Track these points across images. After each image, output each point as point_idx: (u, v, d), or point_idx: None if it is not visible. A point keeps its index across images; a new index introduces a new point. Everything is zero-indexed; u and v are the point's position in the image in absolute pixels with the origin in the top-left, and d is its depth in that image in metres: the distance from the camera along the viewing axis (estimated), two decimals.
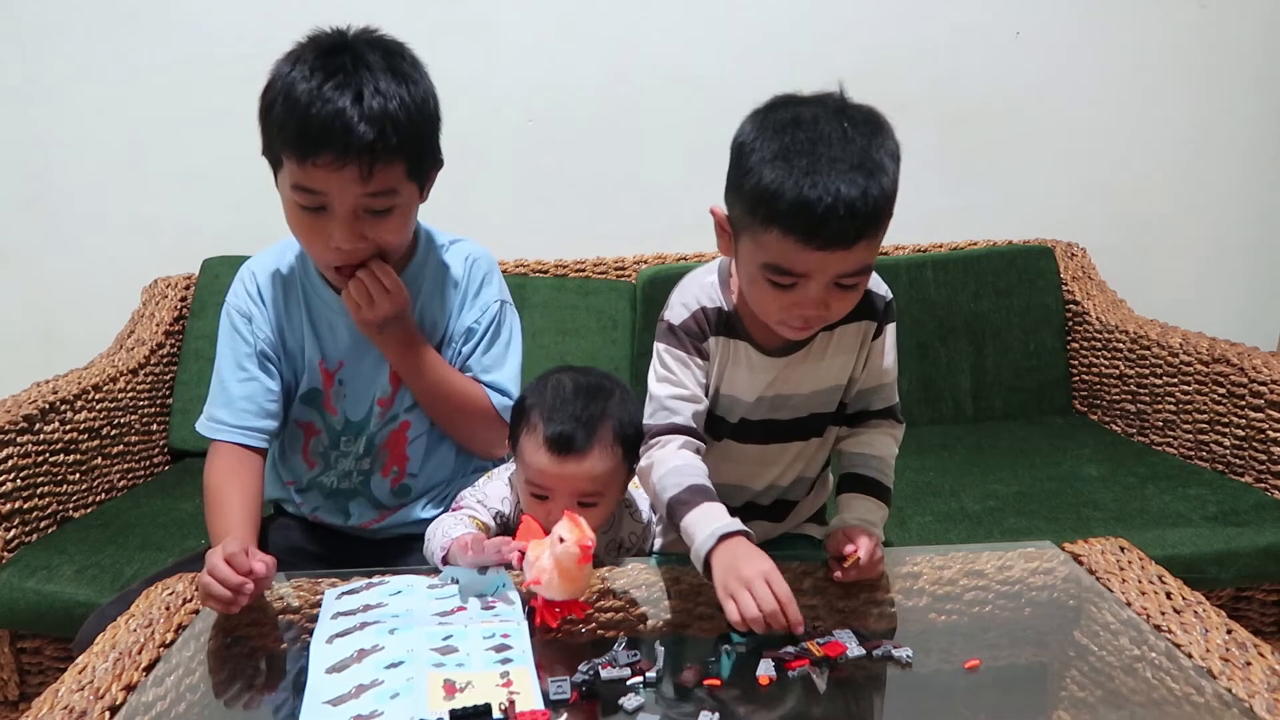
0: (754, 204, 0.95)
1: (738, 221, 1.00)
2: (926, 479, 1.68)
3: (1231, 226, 2.30)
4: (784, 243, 0.93)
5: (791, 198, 0.91)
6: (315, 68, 1.05)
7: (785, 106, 0.98)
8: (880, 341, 1.12)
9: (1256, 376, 1.62)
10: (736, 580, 0.91)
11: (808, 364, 1.10)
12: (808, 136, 0.93)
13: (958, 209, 2.20)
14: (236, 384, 1.21)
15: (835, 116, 0.95)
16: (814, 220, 0.91)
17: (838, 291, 0.98)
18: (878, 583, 1.05)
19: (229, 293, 1.26)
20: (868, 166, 0.92)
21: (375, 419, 1.25)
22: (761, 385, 1.10)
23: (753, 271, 0.99)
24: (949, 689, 0.87)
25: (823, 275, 0.95)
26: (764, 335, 1.09)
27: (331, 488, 1.28)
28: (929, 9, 2.13)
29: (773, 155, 0.94)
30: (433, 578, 1.06)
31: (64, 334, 2.15)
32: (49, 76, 2.06)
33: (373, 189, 1.08)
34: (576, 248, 2.12)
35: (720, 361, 1.10)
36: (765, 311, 1.02)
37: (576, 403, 1.08)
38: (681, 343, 1.09)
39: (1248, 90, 2.23)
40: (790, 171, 0.92)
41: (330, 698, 0.82)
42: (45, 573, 1.41)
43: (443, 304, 1.26)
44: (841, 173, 0.91)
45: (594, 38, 2.10)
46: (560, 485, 1.07)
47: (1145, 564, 1.06)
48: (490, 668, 0.86)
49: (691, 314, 1.09)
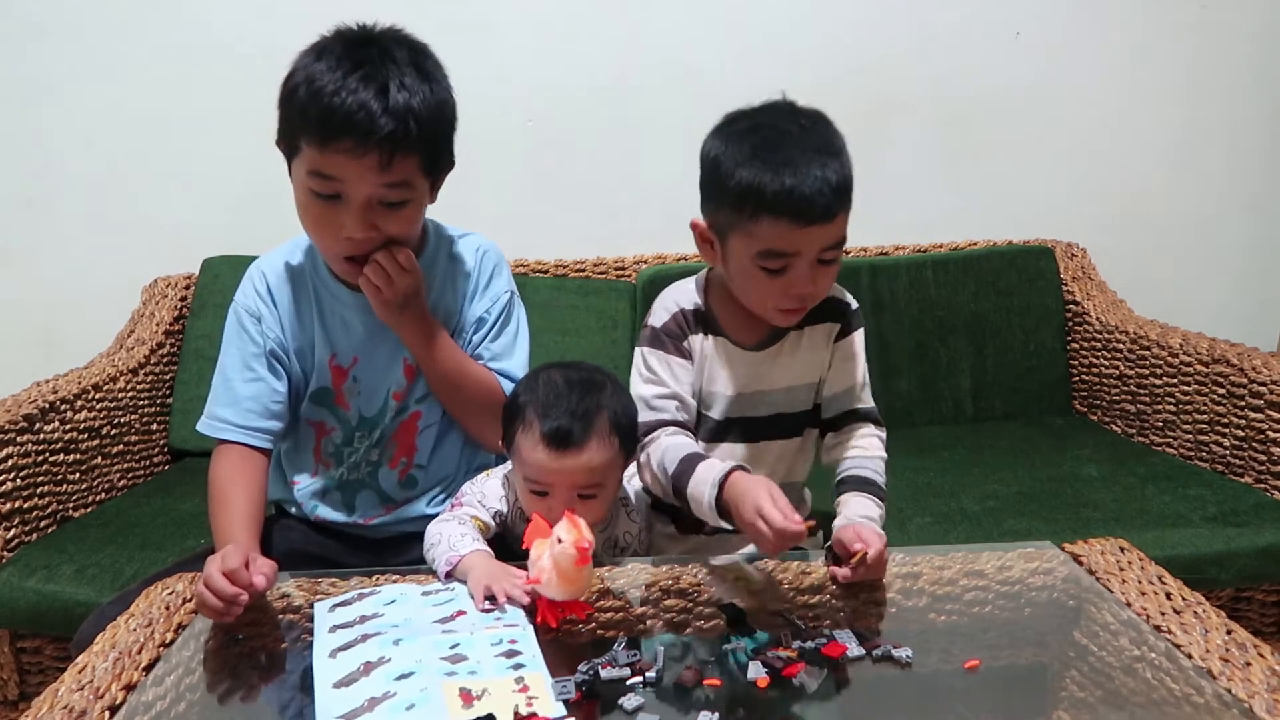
0: (740, 201, 1.06)
1: (724, 225, 1.10)
2: (926, 479, 1.68)
3: (1231, 226, 2.30)
4: (776, 228, 1.05)
5: (776, 187, 1.03)
6: (343, 58, 1.07)
7: (742, 118, 1.11)
8: (847, 344, 1.22)
9: (1256, 377, 1.62)
10: (745, 521, 1.01)
11: (780, 360, 1.19)
12: (771, 136, 1.06)
13: (958, 209, 2.21)
14: (243, 384, 1.21)
15: (789, 117, 1.09)
16: (801, 202, 1.03)
17: (821, 268, 1.09)
18: (877, 583, 1.05)
19: (237, 292, 1.26)
20: (830, 150, 1.06)
21: (390, 413, 1.26)
22: (740, 380, 1.19)
23: (745, 266, 1.09)
24: (949, 689, 0.87)
25: (810, 252, 1.06)
26: (738, 332, 1.19)
27: (340, 480, 1.28)
28: (929, 9, 2.13)
29: (746, 157, 1.06)
30: (427, 582, 1.06)
31: (64, 334, 2.15)
32: (49, 76, 2.06)
33: (390, 179, 1.09)
34: (576, 248, 2.12)
35: (701, 358, 1.19)
36: (761, 301, 1.12)
37: (570, 397, 1.08)
38: (663, 344, 1.18)
39: (1248, 90, 2.23)
40: (766, 166, 1.04)
41: (342, 713, 0.80)
42: (45, 572, 1.41)
43: (455, 295, 1.27)
44: (811, 158, 1.04)
45: (594, 38, 2.10)
46: (560, 480, 1.07)
47: (1145, 564, 1.06)
48: (504, 674, 0.85)
49: (672, 315, 1.19)
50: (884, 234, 2.15)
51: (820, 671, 0.88)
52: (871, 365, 1.99)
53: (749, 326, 1.18)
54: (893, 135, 2.18)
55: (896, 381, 2.02)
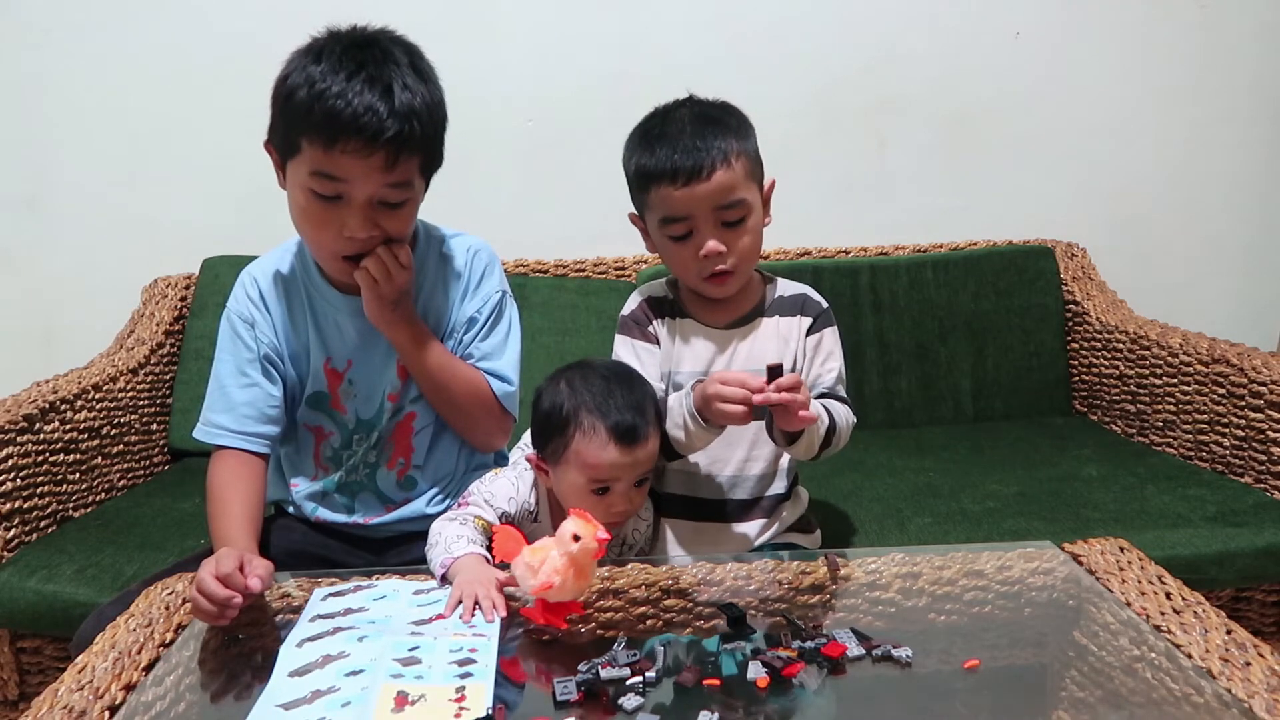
0: (637, 182, 1.22)
1: (639, 208, 1.25)
2: (926, 479, 1.68)
3: (1231, 226, 2.30)
4: (660, 193, 1.18)
5: (654, 158, 1.18)
6: (343, 59, 1.07)
7: (647, 116, 1.25)
8: (817, 339, 1.27)
9: (1256, 377, 1.62)
10: (710, 405, 1.10)
11: (750, 340, 1.26)
12: (659, 121, 1.22)
13: (958, 209, 2.20)
14: (238, 390, 1.22)
15: (681, 106, 1.23)
16: (670, 165, 1.16)
17: (729, 231, 1.19)
18: (878, 582, 1.04)
19: (230, 299, 1.27)
20: (709, 120, 1.19)
21: (386, 414, 1.26)
22: (714, 354, 1.26)
23: (660, 241, 1.22)
24: (949, 689, 0.87)
25: (702, 211, 1.17)
26: (707, 314, 1.28)
27: (339, 483, 1.28)
28: (929, 9, 2.13)
29: (637, 144, 1.22)
30: (421, 582, 1.06)
31: (64, 334, 2.15)
32: (49, 75, 2.06)
33: (394, 179, 1.10)
34: (576, 248, 2.12)
35: (669, 342, 1.28)
36: (685, 271, 1.23)
37: (619, 393, 1.12)
38: (630, 329, 1.29)
39: (1247, 90, 2.23)
40: (650, 145, 1.19)
41: (284, 701, 0.82)
42: (45, 572, 1.41)
43: (445, 295, 1.27)
44: (688, 129, 1.18)
45: (594, 38, 2.10)
46: (626, 473, 1.12)
47: (1145, 564, 1.06)
48: (448, 681, 0.85)
49: (639, 304, 1.30)
50: (884, 234, 2.15)
51: (820, 671, 0.88)
52: (871, 365, 2.03)
53: (717, 309, 1.27)
54: (893, 135, 2.18)
55: (896, 381, 2.02)
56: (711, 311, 1.27)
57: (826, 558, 1.08)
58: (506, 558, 0.99)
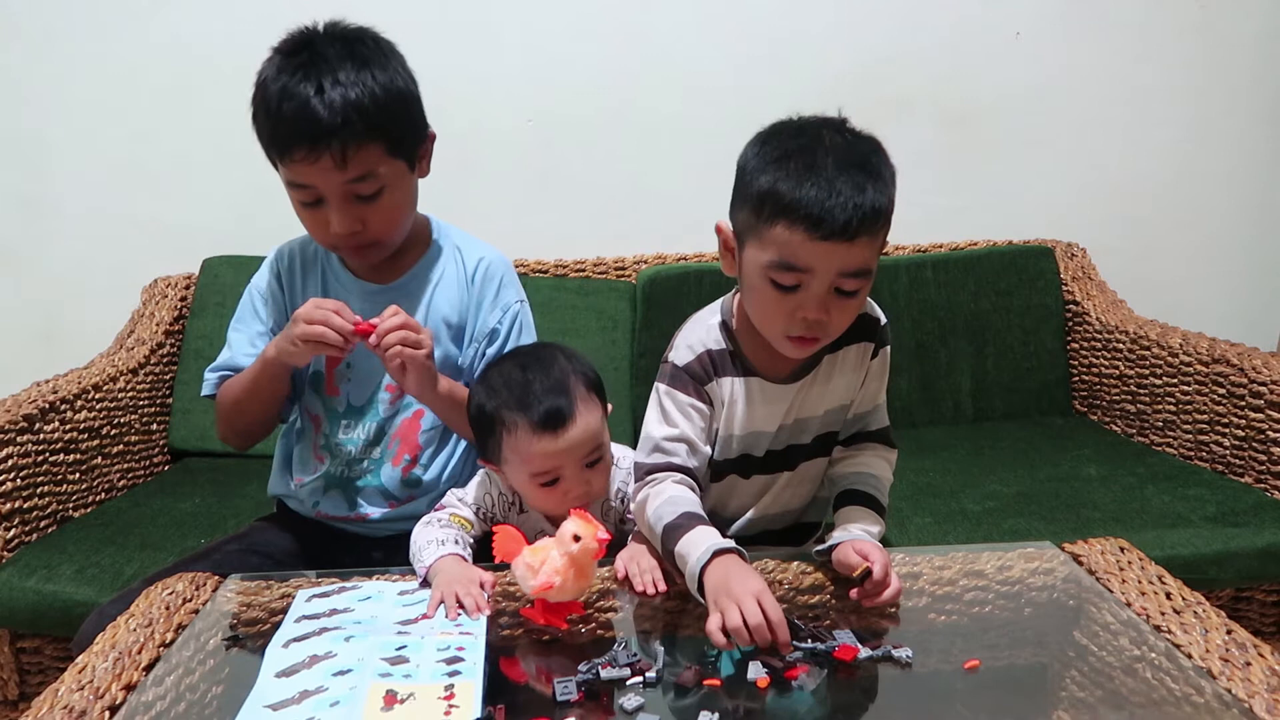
0: (759, 204, 0.98)
1: (743, 229, 1.02)
2: (926, 479, 1.68)
3: (1231, 226, 2.30)
4: (789, 235, 0.96)
5: (796, 191, 0.95)
6: (281, 68, 1.10)
7: (785, 125, 1.02)
8: (878, 362, 1.15)
9: (1256, 377, 1.62)
10: (727, 596, 0.91)
11: (816, 387, 1.12)
12: (808, 143, 0.98)
13: (958, 209, 2.20)
14: (245, 359, 1.26)
15: (835, 130, 1.00)
16: (818, 210, 0.94)
17: (838, 299, 1.00)
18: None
19: (257, 272, 1.32)
20: (867, 169, 0.97)
21: (384, 405, 1.27)
22: (780, 414, 1.12)
23: (757, 278, 1.00)
24: (949, 689, 0.87)
25: (825, 272, 0.97)
26: (769, 367, 1.10)
27: (340, 476, 1.28)
28: (929, 9, 2.13)
29: (774, 160, 0.98)
30: (406, 582, 1.06)
31: (64, 334, 2.15)
32: (49, 76, 2.06)
33: (351, 175, 1.11)
34: (576, 248, 2.12)
35: (732, 402, 1.11)
36: (769, 322, 1.03)
37: (536, 379, 1.08)
38: (684, 385, 1.10)
39: (1247, 90, 2.23)
40: (792, 170, 0.96)
41: (272, 701, 0.82)
42: (45, 572, 1.41)
43: (453, 302, 1.28)
44: (842, 169, 0.95)
45: (594, 38, 2.10)
46: (567, 459, 1.08)
47: (1145, 564, 1.06)
48: (436, 680, 0.85)
49: (696, 356, 1.10)
50: None
51: (820, 672, 0.88)
52: None
53: (780, 356, 1.07)
54: (893, 135, 2.15)
55: (896, 381, 2.00)
56: (775, 360, 1.09)
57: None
58: (507, 558, 0.99)
